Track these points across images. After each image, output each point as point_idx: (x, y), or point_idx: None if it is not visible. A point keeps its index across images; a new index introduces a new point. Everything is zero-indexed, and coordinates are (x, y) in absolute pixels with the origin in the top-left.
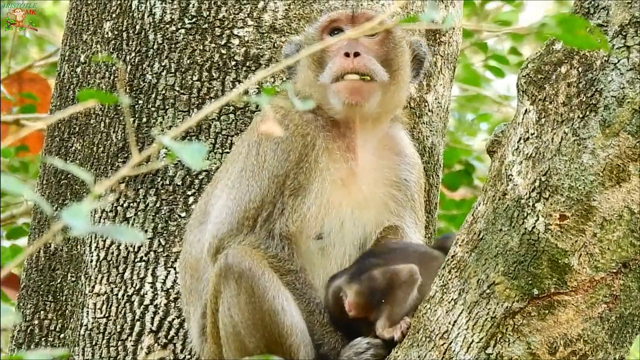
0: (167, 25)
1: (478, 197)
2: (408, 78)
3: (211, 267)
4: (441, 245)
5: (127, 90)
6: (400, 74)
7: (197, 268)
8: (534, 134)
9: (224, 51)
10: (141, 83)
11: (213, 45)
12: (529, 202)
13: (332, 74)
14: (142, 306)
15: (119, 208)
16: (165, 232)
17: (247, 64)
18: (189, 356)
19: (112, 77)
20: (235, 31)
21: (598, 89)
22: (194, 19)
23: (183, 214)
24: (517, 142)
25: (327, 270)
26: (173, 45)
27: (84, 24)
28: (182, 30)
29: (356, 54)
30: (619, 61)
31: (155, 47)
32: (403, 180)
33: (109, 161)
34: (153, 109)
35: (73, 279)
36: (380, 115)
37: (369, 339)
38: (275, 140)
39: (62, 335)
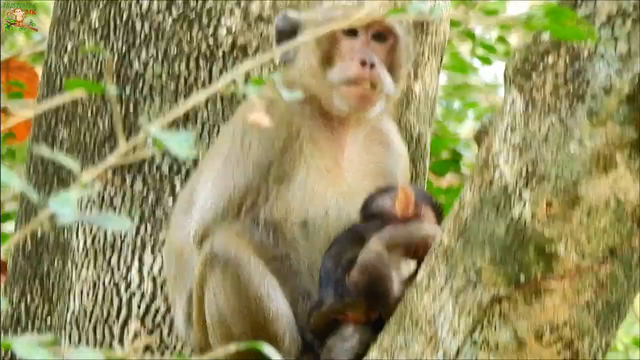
0: (155, 15)
1: (465, 185)
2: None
3: (196, 255)
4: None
5: (114, 79)
6: (402, 81)
7: (182, 255)
8: (521, 123)
9: (211, 41)
10: (128, 72)
11: (200, 34)
12: (516, 190)
13: (344, 77)
14: (129, 292)
15: (105, 195)
16: (152, 218)
17: (235, 54)
18: (176, 341)
19: (99, 66)
20: (223, 21)
21: (585, 79)
22: (181, 9)
23: (170, 201)
24: (504, 131)
25: (311, 257)
26: (160, 35)
27: (72, 13)
28: (170, 20)
29: (372, 65)
30: (606, 51)
31: (143, 36)
32: (389, 172)
33: (96, 149)
34: (140, 97)
35: (60, 265)
36: (375, 116)
37: (354, 326)
38: (261, 129)
39: (48, 321)
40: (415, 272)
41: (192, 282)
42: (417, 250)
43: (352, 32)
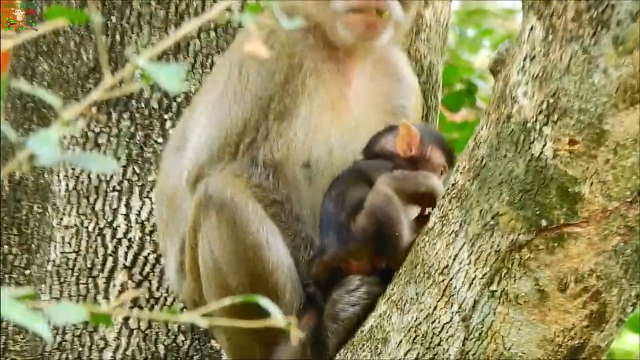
0: None
1: (481, 119)
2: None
3: (190, 198)
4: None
5: (99, 6)
6: (413, 10)
7: (175, 198)
8: (540, 52)
9: None
10: None
11: None
12: (536, 125)
13: (348, 4)
14: (115, 240)
15: (89, 134)
16: (140, 159)
17: None
18: (166, 294)
19: None
20: None
21: (610, 4)
22: None
23: (160, 140)
24: (523, 60)
25: (314, 201)
26: None
27: None
28: None
29: None
30: None
31: None
32: (399, 107)
33: (79, 83)
34: (127, 26)
35: (39, 210)
36: (383, 46)
37: (361, 276)
38: (260, 60)
39: (27, 272)
40: (424, 217)
41: (185, 228)
42: (422, 200)
43: None
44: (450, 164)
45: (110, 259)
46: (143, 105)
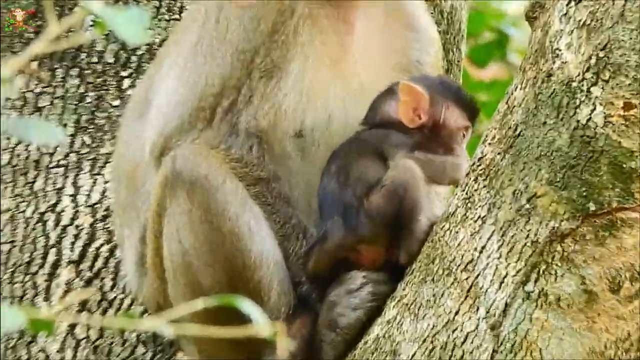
0: None
1: (514, 78)
2: None
3: (154, 175)
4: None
5: None
6: None
7: (135, 176)
8: None
9: None
10: None
11: None
12: (583, 85)
13: None
14: (59, 228)
15: (28, 95)
16: (91, 127)
17: None
18: (122, 295)
19: None
20: None
21: None
22: None
23: (116, 103)
24: (566, 5)
25: (308, 179)
26: None
27: None
28: None
29: None
30: None
31: None
32: (415, 63)
33: (17, 33)
34: None
35: None
36: None
37: (365, 272)
38: (242, 4)
39: None
40: None
41: (148, 213)
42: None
43: None
44: (473, 122)
45: (52, 251)
46: (95, 60)
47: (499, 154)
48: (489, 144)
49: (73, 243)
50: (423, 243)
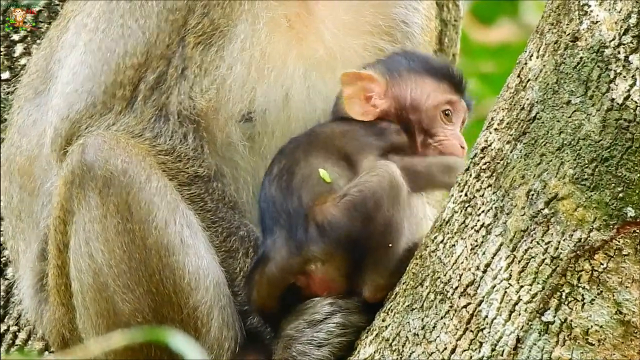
0: None
1: (529, 42)
2: None
3: (57, 170)
4: None
5: None
6: None
7: (32, 172)
8: None
9: None
10: None
11: None
12: (619, 53)
13: None
14: None
15: None
16: None
17: None
18: (16, 327)
19: None
20: None
21: None
22: None
23: (5, 76)
24: None
25: (258, 175)
26: None
27: None
28: None
29: None
30: None
31: None
32: (399, 23)
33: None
34: None
35: None
36: None
37: (331, 299)
38: None
39: None
40: None
41: (50, 220)
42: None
43: None
44: (461, 93)
45: None
46: None
47: (508, 142)
48: (495, 129)
49: None
50: (397, 275)
